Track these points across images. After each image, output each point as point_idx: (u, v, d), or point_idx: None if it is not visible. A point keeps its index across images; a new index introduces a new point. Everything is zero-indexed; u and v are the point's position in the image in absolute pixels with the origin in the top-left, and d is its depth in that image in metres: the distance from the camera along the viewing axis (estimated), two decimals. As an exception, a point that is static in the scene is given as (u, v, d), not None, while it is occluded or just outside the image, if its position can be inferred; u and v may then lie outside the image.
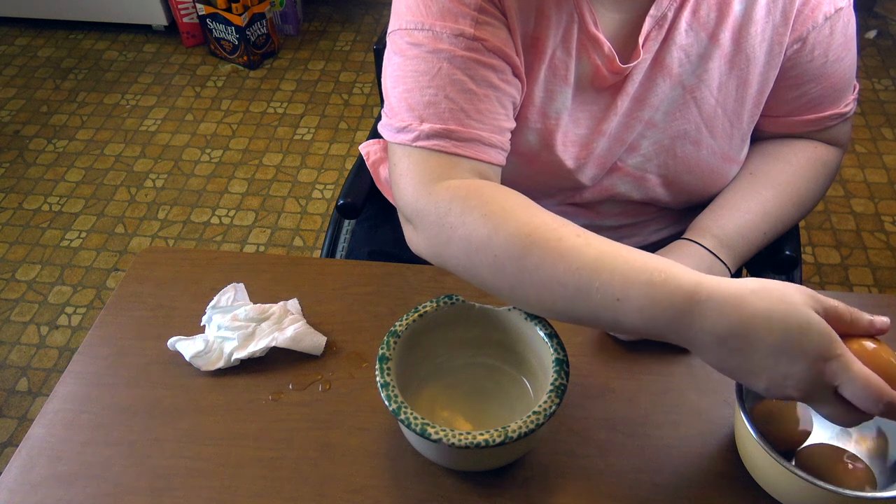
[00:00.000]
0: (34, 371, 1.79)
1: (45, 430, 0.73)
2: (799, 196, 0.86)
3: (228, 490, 0.68)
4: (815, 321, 0.53)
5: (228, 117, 2.48)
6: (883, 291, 1.87)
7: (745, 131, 0.85)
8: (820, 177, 0.88)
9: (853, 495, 0.57)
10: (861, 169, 2.20)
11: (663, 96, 0.81)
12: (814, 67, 0.81)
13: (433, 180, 0.69)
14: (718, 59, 0.79)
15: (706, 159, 0.84)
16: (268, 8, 2.61)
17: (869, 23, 2.73)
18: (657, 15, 0.76)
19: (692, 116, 0.82)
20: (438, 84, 0.71)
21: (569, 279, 0.60)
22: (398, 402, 0.63)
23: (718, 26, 0.77)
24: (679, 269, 0.58)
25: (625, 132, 0.83)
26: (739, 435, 0.66)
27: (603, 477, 0.68)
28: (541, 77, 0.78)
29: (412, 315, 0.70)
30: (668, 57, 0.78)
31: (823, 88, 0.83)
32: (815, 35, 0.79)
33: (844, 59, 0.82)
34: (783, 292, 0.54)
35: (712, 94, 0.81)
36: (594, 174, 0.85)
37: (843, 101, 0.86)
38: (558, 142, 0.81)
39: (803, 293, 0.55)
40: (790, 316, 0.53)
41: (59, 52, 2.79)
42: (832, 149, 0.89)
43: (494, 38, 0.72)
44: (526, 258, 0.62)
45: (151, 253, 0.91)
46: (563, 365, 0.66)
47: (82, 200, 2.21)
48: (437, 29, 0.71)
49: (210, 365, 0.76)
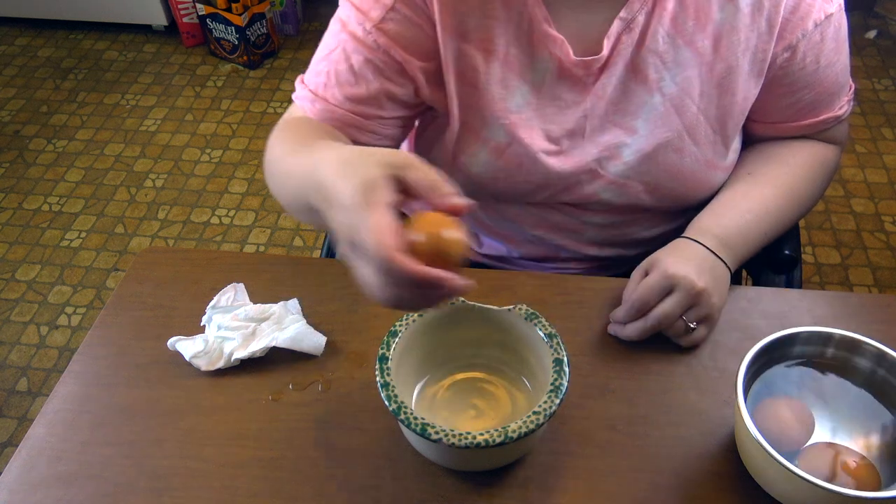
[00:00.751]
0: (34, 371, 1.79)
1: (45, 430, 0.73)
2: (798, 196, 0.86)
3: (228, 490, 0.68)
4: (367, 177, 0.52)
5: (228, 117, 2.48)
6: (883, 291, 1.87)
7: (729, 138, 0.85)
8: (818, 177, 0.88)
9: (853, 495, 0.57)
10: (861, 169, 2.20)
11: (641, 103, 0.81)
12: (806, 74, 0.82)
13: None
14: (698, 67, 0.79)
15: (689, 167, 0.84)
16: (268, 8, 2.61)
17: (869, 23, 2.73)
18: (627, 17, 0.77)
19: (673, 125, 0.82)
20: (333, 59, 0.81)
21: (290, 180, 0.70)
22: (398, 402, 0.63)
23: (697, 34, 0.78)
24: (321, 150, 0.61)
25: (602, 136, 0.83)
26: (739, 435, 0.66)
27: (603, 477, 0.68)
28: (496, 74, 0.80)
29: (412, 315, 0.70)
30: (643, 63, 0.79)
31: (817, 94, 0.84)
32: (805, 43, 0.79)
33: (836, 64, 0.83)
34: (368, 156, 0.55)
35: (693, 102, 0.81)
36: (570, 170, 0.85)
37: (838, 104, 0.87)
38: (525, 135, 0.83)
39: (391, 155, 0.55)
40: (357, 172, 0.53)
41: (59, 52, 2.79)
42: (830, 147, 0.90)
43: (396, 35, 0.78)
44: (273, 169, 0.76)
45: (151, 253, 0.91)
46: (563, 365, 0.66)
47: (82, 200, 2.22)
48: (353, 12, 0.79)
49: (210, 365, 0.76)
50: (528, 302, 0.74)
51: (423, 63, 0.80)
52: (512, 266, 0.99)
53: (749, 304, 0.82)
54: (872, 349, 0.67)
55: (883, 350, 0.66)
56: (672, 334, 0.77)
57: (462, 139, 0.85)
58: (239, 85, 2.61)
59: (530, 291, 0.83)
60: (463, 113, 0.83)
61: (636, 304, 0.75)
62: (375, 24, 0.77)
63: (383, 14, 0.77)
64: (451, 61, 0.80)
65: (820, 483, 0.57)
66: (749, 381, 0.66)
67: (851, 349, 0.68)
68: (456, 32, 0.79)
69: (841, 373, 0.69)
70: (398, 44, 0.78)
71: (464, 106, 0.83)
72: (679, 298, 0.74)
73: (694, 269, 0.75)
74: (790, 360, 0.69)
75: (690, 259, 0.77)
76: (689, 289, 0.74)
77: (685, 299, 0.74)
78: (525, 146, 0.83)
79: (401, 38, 0.78)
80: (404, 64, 0.79)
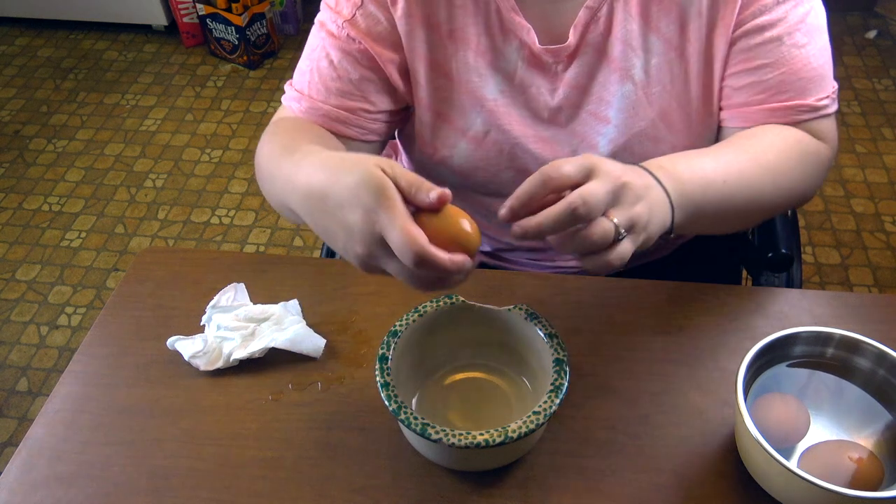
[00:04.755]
0: (34, 371, 1.79)
1: (45, 430, 0.73)
2: (771, 167, 0.78)
3: (228, 490, 0.68)
4: (373, 175, 0.57)
5: (228, 117, 2.48)
6: (883, 291, 1.87)
7: (707, 123, 0.84)
8: (795, 155, 0.80)
9: (853, 495, 0.57)
10: (861, 169, 2.20)
11: (614, 91, 0.81)
12: (766, 50, 0.78)
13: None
14: (667, 53, 0.79)
15: (666, 153, 0.80)
16: (268, 8, 2.61)
17: (869, 23, 2.73)
18: (593, 6, 0.78)
19: (647, 114, 0.82)
20: (314, 58, 0.84)
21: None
22: (398, 402, 0.63)
23: (663, 19, 0.78)
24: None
25: (578, 125, 0.84)
26: (739, 435, 0.66)
27: (603, 477, 0.68)
28: (468, 63, 0.82)
29: (412, 315, 0.70)
30: (613, 51, 0.80)
31: (782, 75, 0.79)
32: (765, 18, 0.77)
33: (808, 47, 0.79)
34: (358, 157, 0.60)
35: (665, 90, 0.81)
36: (550, 158, 0.85)
37: (813, 94, 0.80)
38: (502, 122, 0.84)
39: (380, 159, 0.59)
40: (355, 171, 0.58)
41: (59, 52, 2.79)
42: (813, 139, 0.83)
43: (367, 29, 0.81)
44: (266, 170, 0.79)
45: (151, 253, 0.91)
46: (563, 365, 0.66)
47: (82, 200, 2.22)
48: (328, 12, 0.83)
49: (209, 365, 0.76)
50: (528, 302, 0.74)
51: (392, 55, 0.82)
52: (509, 263, 0.99)
53: (749, 304, 0.82)
54: (872, 349, 0.67)
55: (883, 350, 0.66)
56: (594, 240, 0.60)
57: (440, 131, 0.86)
58: (239, 85, 2.61)
59: (530, 291, 0.83)
60: (438, 104, 0.85)
61: (580, 208, 0.58)
62: (346, 19, 0.81)
63: (354, 11, 0.81)
64: (422, 52, 0.82)
65: (820, 483, 0.57)
66: (749, 381, 0.66)
67: (851, 349, 0.68)
68: (426, 23, 0.81)
69: (841, 373, 0.69)
70: (369, 36, 0.81)
71: (439, 97, 0.85)
72: (602, 184, 0.60)
73: (622, 168, 0.63)
74: (790, 360, 0.69)
75: (625, 168, 0.64)
76: (613, 177, 0.61)
77: (609, 185, 0.60)
78: (503, 133, 0.84)
79: (371, 32, 0.81)
80: (376, 56, 0.82)
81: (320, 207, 0.61)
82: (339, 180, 0.59)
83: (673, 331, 0.79)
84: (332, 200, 0.59)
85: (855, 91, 2.45)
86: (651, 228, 0.64)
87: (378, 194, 0.56)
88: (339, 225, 0.59)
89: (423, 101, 0.85)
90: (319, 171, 0.62)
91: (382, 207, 0.56)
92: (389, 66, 0.83)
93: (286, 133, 0.81)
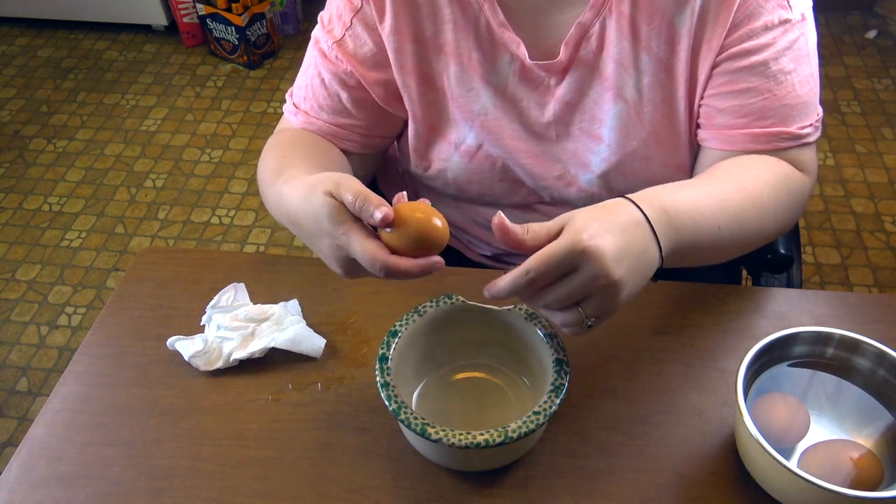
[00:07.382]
0: (34, 371, 1.79)
1: (45, 430, 0.73)
2: (760, 201, 0.76)
3: (228, 490, 0.68)
4: (324, 204, 0.63)
5: (228, 117, 2.48)
6: (883, 291, 1.87)
7: (695, 142, 0.84)
8: (783, 189, 0.79)
9: (853, 495, 0.57)
10: (861, 169, 2.20)
11: (608, 109, 0.81)
12: (750, 74, 0.77)
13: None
14: (658, 73, 0.79)
15: (658, 171, 0.84)
16: (268, 8, 2.61)
17: (869, 23, 2.73)
18: (585, 23, 0.78)
19: (639, 133, 0.81)
20: (309, 74, 0.87)
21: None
22: (398, 402, 0.63)
23: (654, 39, 0.77)
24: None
25: (570, 143, 0.84)
26: (739, 435, 0.67)
27: (603, 477, 0.68)
28: (459, 77, 0.83)
29: (412, 315, 0.70)
30: (605, 69, 0.79)
31: (766, 101, 0.78)
32: (753, 43, 0.76)
33: (793, 75, 0.77)
34: (314, 183, 0.65)
35: (657, 108, 0.81)
36: (542, 173, 0.86)
37: (796, 121, 0.79)
38: (494, 136, 0.84)
39: (330, 181, 0.64)
40: (313, 201, 0.64)
41: (59, 52, 2.79)
42: (796, 171, 0.81)
43: (354, 51, 0.83)
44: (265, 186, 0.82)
45: (151, 253, 0.91)
46: (563, 365, 0.66)
47: (82, 200, 2.22)
48: (321, 31, 0.85)
49: (208, 365, 0.76)
50: (528, 302, 0.74)
51: (378, 76, 0.84)
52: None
53: (749, 304, 0.82)
54: (872, 349, 0.67)
55: (883, 350, 0.66)
56: (557, 321, 0.63)
57: (434, 145, 0.87)
58: (239, 85, 2.61)
59: (530, 291, 0.83)
60: (432, 118, 0.86)
61: (532, 274, 0.60)
62: (336, 41, 0.84)
63: (343, 32, 0.83)
64: (412, 67, 0.83)
65: (820, 483, 0.57)
66: (749, 381, 0.66)
67: (851, 349, 0.68)
68: (415, 39, 0.81)
69: (841, 373, 0.69)
70: (355, 59, 0.83)
71: (432, 111, 0.85)
72: (582, 283, 0.60)
73: (615, 248, 0.61)
74: (790, 360, 0.69)
75: (618, 232, 0.62)
76: (598, 275, 0.60)
77: (588, 287, 0.60)
78: (495, 146, 0.85)
79: (357, 55, 0.83)
80: (362, 80, 0.84)
81: (299, 233, 0.70)
82: (304, 209, 0.66)
83: (673, 331, 0.79)
84: (304, 230, 0.68)
85: (855, 91, 2.45)
86: (626, 300, 0.64)
87: (332, 221, 0.62)
88: (316, 249, 0.68)
89: (418, 115, 0.86)
90: (294, 200, 0.69)
91: (340, 232, 0.62)
92: (376, 89, 0.84)
93: (282, 147, 0.85)
